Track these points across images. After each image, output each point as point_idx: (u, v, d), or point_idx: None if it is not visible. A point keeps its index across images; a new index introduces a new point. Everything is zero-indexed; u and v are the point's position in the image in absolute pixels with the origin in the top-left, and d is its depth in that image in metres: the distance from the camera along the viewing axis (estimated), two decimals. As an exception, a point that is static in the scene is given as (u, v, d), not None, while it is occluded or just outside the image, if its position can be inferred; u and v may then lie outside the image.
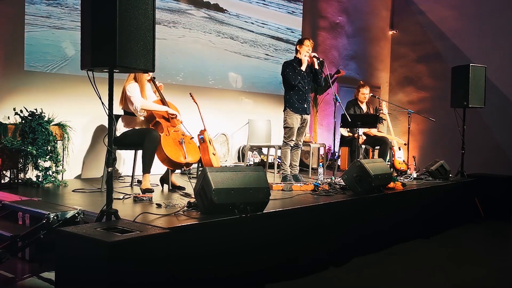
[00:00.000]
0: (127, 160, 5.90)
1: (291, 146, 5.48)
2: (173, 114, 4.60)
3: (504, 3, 8.51)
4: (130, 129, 4.54)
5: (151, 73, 4.61)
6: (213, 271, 3.09)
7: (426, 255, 4.66)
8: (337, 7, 9.13)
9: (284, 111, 5.51)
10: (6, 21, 5.02)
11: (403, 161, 6.64)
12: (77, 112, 5.36)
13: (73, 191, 4.49)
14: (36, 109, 4.80)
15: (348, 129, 6.60)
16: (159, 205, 3.63)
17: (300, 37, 8.12)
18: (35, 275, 3.27)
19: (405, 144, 6.67)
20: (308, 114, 5.57)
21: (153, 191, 4.27)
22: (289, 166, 5.51)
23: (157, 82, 4.77)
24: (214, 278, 3.10)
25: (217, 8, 7.10)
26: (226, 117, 7.17)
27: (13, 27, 5.06)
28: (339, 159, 7.45)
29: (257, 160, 7.35)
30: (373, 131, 6.65)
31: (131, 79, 4.55)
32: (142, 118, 4.59)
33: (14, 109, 4.72)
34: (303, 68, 5.41)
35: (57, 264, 2.72)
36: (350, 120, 5.55)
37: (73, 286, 2.57)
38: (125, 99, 4.50)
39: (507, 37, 8.44)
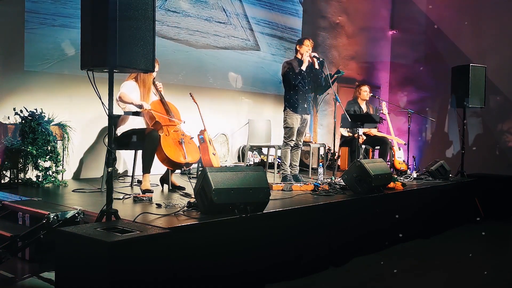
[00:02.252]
0: (127, 160, 5.90)
1: (291, 146, 5.48)
2: (141, 106, 4.42)
3: (504, 3, 8.51)
4: (130, 129, 4.54)
5: (153, 74, 4.60)
6: (213, 271, 3.09)
7: (426, 255, 4.66)
8: (337, 7, 9.13)
9: (284, 111, 5.50)
10: (6, 21, 5.02)
11: (403, 161, 6.64)
12: (77, 112, 5.36)
13: (73, 191, 4.49)
14: (36, 109, 4.80)
15: (348, 129, 6.60)
16: (159, 205, 3.63)
17: (300, 37, 8.12)
18: (35, 275, 3.27)
19: (405, 144, 6.67)
20: (308, 114, 5.57)
21: (153, 192, 4.27)
22: (289, 166, 5.51)
23: (156, 83, 4.76)
24: (214, 278, 3.10)
25: (217, 8, 7.10)
26: (226, 117, 7.17)
27: (13, 27, 5.06)
28: (339, 159, 7.45)
29: (257, 160, 7.35)
30: (373, 131, 6.65)
31: (131, 78, 4.54)
32: (141, 119, 4.58)
33: (14, 109, 4.72)
34: (303, 68, 5.41)
35: (57, 264, 2.72)
36: (350, 120, 5.55)
37: (73, 286, 2.57)
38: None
39: (507, 37, 8.43)
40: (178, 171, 4.97)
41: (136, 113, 4.59)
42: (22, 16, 5.08)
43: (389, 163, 6.47)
